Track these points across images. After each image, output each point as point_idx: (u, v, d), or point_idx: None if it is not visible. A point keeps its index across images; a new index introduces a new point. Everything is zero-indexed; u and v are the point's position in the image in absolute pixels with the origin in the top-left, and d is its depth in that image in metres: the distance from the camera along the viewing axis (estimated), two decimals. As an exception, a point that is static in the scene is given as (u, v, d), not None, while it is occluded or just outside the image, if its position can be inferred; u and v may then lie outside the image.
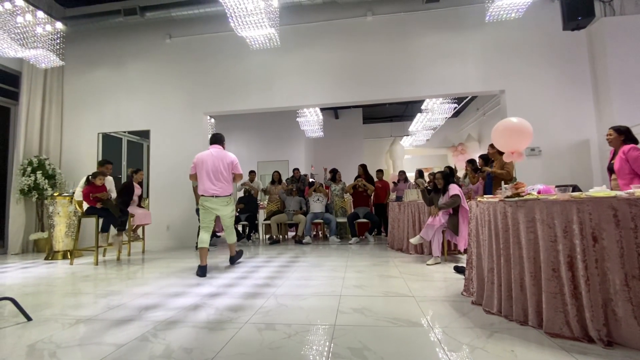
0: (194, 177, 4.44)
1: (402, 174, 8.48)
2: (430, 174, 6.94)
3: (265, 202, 7.65)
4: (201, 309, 3.44)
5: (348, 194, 7.34)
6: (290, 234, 7.77)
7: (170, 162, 7.10)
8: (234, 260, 4.77)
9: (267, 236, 7.42)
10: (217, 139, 4.69)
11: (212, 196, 4.34)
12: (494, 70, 6.79)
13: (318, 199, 6.98)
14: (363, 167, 7.21)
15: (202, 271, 4.21)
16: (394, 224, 5.77)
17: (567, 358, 2.64)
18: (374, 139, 14.79)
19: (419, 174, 8.09)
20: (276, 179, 7.61)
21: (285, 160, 11.14)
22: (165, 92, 7.16)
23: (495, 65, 6.81)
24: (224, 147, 4.60)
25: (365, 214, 6.86)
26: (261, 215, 8.00)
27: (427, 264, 4.20)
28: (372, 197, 7.15)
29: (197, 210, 5.93)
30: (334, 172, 7.55)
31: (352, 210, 7.02)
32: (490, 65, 6.81)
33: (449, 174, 5.07)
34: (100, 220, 5.23)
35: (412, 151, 14.29)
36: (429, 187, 5.47)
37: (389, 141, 14.61)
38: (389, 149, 14.13)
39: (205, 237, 4.33)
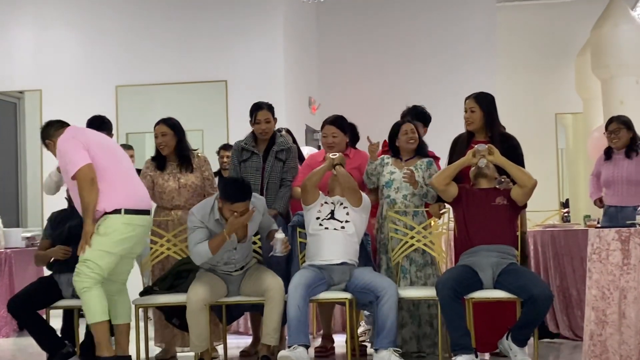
0: (88, 173, 4.81)
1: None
2: None
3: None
4: None
5: (441, 202, 5.64)
6: (234, 341, 6.50)
7: None
8: None
9: (159, 349, 6.12)
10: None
11: (148, 212, 5.06)
12: None
13: (329, 218, 5.50)
14: (478, 100, 5.61)
15: None
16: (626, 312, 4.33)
17: None
18: (531, 6, 12.28)
19: None
20: (168, 149, 5.98)
21: (217, 82, 9.81)
22: None
23: None
24: None
25: (504, 274, 5.08)
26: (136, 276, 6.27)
27: None
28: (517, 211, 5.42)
29: None
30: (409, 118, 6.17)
31: (455, 262, 5.65)
32: None
33: None
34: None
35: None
36: None
37: (594, 11, 11.29)
38: (590, 39, 11.13)
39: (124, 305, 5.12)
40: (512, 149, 5.30)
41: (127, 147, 7.39)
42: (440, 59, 11.02)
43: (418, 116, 6.06)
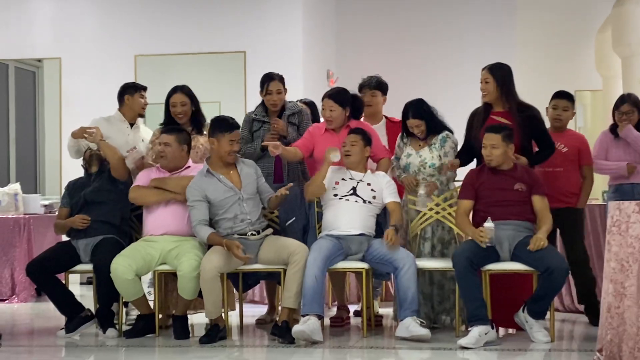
0: None
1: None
2: None
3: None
4: None
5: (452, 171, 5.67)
6: (249, 310, 6.43)
7: None
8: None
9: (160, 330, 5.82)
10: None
11: None
12: None
13: (351, 194, 5.53)
14: (492, 71, 5.66)
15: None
16: None
17: None
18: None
19: None
20: (186, 117, 6.08)
21: (236, 53, 9.81)
22: None
23: None
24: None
25: (520, 247, 5.12)
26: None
27: None
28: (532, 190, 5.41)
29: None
30: None
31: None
32: None
33: None
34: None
35: None
36: None
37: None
38: (611, 16, 11.21)
39: None
40: (532, 119, 5.26)
41: None
42: (458, 36, 10.90)
43: (376, 86, 6.15)
